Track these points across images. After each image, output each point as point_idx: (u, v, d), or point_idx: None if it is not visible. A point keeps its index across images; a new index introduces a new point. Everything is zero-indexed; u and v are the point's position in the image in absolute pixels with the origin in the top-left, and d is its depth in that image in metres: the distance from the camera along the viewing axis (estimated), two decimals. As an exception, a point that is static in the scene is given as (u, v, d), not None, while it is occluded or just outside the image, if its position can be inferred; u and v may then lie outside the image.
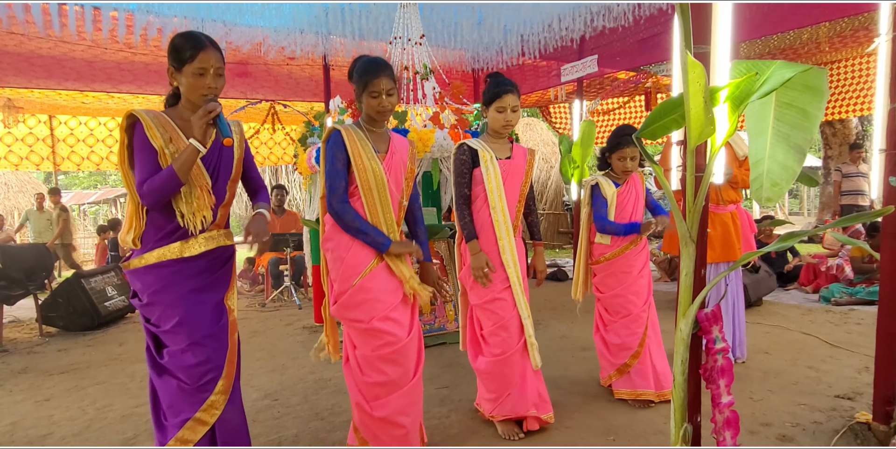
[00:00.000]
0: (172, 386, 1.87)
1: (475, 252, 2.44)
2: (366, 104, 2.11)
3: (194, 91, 1.85)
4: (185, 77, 1.84)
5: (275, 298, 6.12)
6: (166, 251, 1.87)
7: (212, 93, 1.86)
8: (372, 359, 2.09)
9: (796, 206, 22.16)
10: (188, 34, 1.85)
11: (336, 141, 2.10)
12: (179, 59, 1.83)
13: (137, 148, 1.84)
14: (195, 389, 1.86)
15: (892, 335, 2.18)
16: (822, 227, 1.69)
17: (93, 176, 25.17)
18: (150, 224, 1.90)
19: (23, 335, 4.95)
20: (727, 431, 1.70)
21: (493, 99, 2.43)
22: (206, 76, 1.84)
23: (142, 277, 1.89)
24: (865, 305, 4.85)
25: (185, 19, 5.22)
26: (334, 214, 2.08)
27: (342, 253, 2.10)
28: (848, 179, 7.32)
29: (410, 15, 4.38)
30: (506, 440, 2.42)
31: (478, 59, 7.21)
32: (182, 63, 1.82)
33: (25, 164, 8.95)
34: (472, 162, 2.46)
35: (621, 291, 2.87)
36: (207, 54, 1.83)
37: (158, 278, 1.87)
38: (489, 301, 2.48)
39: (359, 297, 2.07)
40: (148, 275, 1.88)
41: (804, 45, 6.75)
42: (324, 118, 4.60)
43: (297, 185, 13.46)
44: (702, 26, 1.70)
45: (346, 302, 2.09)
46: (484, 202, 2.47)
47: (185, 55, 1.82)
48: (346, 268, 2.09)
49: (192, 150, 1.80)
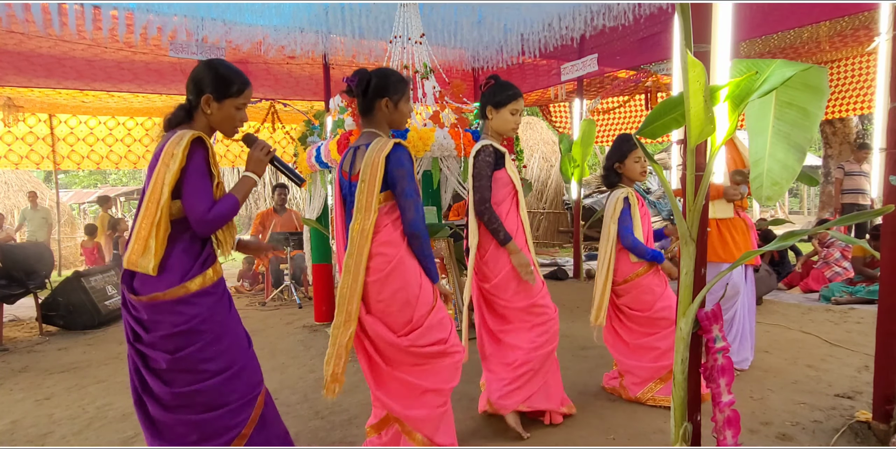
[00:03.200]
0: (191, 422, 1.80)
1: (516, 251, 2.42)
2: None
3: (229, 123, 1.88)
4: (225, 108, 1.85)
5: (275, 297, 6.13)
6: (205, 278, 1.80)
7: (241, 125, 1.91)
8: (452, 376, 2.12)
9: (796, 205, 22.17)
10: (234, 67, 1.87)
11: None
12: (225, 90, 1.83)
13: (199, 173, 1.77)
14: (234, 412, 1.83)
15: (891, 334, 2.18)
16: (822, 226, 1.69)
17: (93, 175, 25.17)
18: (178, 250, 1.78)
19: (23, 334, 4.95)
20: (728, 430, 1.70)
21: (508, 101, 2.45)
22: (243, 110, 1.89)
23: (182, 307, 1.76)
24: (865, 303, 4.85)
25: (185, 18, 5.23)
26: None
27: (417, 271, 2.06)
28: (850, 177, 7.31)
29: (410, 14, 4.37)
30: (506, 440, 2.42)
31: (478, 58, 7.22)
32: (225, 95, 1.83)
33: (25, 162, 8.96)
34: (495, 164, 2.47)
35: (665, 303, 2.78)
36: (251, 90, 1.89)
37: (205, 308, 1.79)
38: (540, 299, 2.49)
39: (440, 315, 2.10)
40: (190, 305, 1.77)
41: (804, 44, 6.75)
42: (323, 117, 4.60)
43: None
44: (702, 25, 1.70)
45: (430, 323, 2.05)
46: (513, 204, 2.50)
47: (233, 89, 1.84)
48: (426, 284, 2.08)
49: (252, 183, 1.87)
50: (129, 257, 1.75)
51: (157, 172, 1.74)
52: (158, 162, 1.75)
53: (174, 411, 1.78)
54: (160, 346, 1.76)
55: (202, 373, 1.78)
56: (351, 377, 3.29)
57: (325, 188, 4.38)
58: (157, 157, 1.76)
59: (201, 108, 1.84)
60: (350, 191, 2.09)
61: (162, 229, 1.73)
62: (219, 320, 1.83)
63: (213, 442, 1.81)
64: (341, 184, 2.16)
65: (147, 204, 1.74)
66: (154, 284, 1.74)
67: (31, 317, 5.48)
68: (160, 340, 1.75)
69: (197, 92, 1.84)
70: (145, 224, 1.73)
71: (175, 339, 1.75)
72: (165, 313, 1.75)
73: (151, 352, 1.76)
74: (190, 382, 1.77)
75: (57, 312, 4.98)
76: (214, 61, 1.87)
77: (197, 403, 1.79)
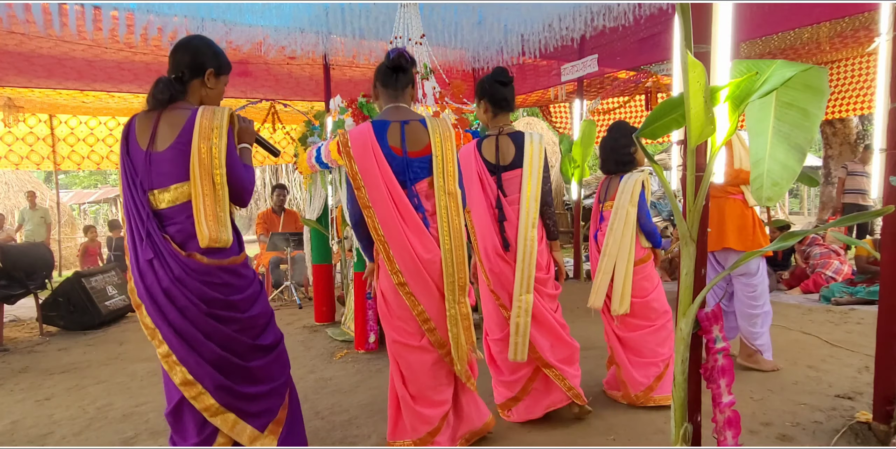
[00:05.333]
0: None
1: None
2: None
3: (220, 99, 1.99)
4: (221, 83, 1.95)
5: (275, 298, 6.13)
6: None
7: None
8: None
9: (796, 206, 22.17)
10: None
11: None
12: (224, 66, 1.95)
13: (233, 145, 1.87)
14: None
15: (892, 335, 2.18)
16: (822, 226, 1.69)
17: (93, 175, 25.16)
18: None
19: (23, 334, 4.95)
20: (728, 430, 1.70)
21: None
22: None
23: (247, 268, 1.93)
24: (866, 304, 4.84)
25: (185, 19, 5.23)
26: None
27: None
28: (852, 177, 7.31)
29: (411, 14, 4.38)
30: (506, 439, 2.42)
31: (478, 58, 7.22)
32: (224, 71, 1.95)
33: (26, 163, 8.96)
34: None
35: (659, 292, 2.83)
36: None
37: (253, 273, 1.97)
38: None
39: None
40: (248, 268, 1.94)
41: (804, 45, 6.75)
42: (324, 118, 4.60)
43: (298, 185, 13.45)
44: (702, 26, 1.70)
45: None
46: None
47: (228, 65, 1.96)
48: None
49: (250, 152, 1.98)
50: (209, 236, 1.76)
51: (198, 148, 1.75)
52: (195, 137, 1.75)
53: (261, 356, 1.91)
54: (241, 306, 1.85)
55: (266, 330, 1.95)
56: (351, 377, 3.30)
57: (325, 188, 4.38)
58: (186, 134, 1.76)
59: (202, 83, 1.89)
60: (411, 167, 2.13)
61: (226, 200, 1.80)
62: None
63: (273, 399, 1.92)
64: (393, 161, 2.10)
65: (200, 181, 1.75)
66: (221, 253, 1.82)
67: (31, 317, 5.48)
68: (240, 302, 1.85)
69: (196, 66, 1.86)
70: (208, 201, 1.76)
71: (247, 301, 1.87)
72: (234, 275, 1.85)
73: (228, 312, 1.83)
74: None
75: (57, 312, 4.98)
76: (204, 37, 1.93)
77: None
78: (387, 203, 2.07)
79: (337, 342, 4.15)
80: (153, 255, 1.76)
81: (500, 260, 2.49)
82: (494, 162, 2.53)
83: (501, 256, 2.49)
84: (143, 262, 1.78)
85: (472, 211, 2.53)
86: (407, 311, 2.15)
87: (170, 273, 1.76)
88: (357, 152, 2.08)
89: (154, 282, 1.76)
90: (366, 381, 3.22)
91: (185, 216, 1.79)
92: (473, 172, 2.53)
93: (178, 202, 1.79)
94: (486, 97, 2.56)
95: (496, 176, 2.51)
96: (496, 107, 2.56)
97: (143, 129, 1.83)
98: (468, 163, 2.54)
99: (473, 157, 2.55)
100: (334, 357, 3.75)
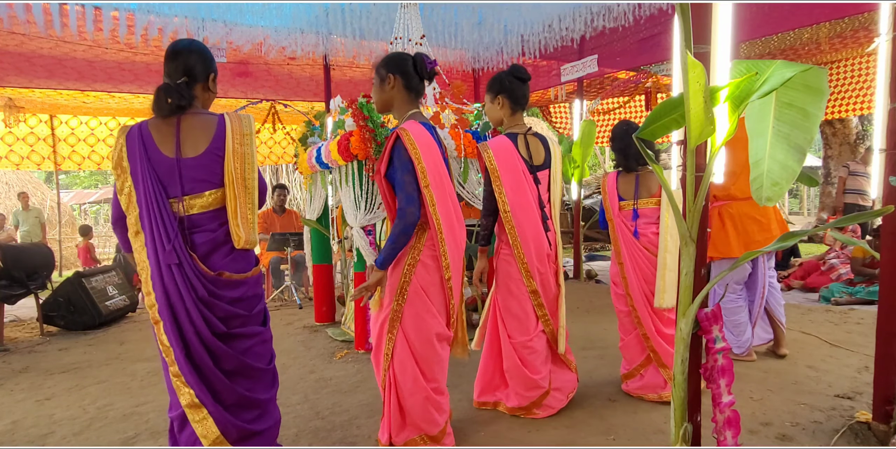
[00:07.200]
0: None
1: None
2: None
3: (213, 99, 1.98)
4: (214, 87, 1.95)
5: (275, 298, 6.13)
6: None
7: None
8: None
9: (796, 206, 22.17)
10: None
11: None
12: (214, 68, 1.94)
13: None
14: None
15: (891, 335, 2.18)
16: (822, 226, 1.69)
17: (94, 175, 25.16)
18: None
19: (24, 334, 4.96)
20: (728, 430, 1.70)
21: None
22: None
23: (258, 286, 1.99)
24: (865, 304, 4.85)
25: (185, 19, 5.24)
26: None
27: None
28: (853, 177, 7.31)
29: (411, 15, 4.38)
30: (506, 439, 2.43)
31: (478, 59, 7.22)
32: (214, 72, 1.94)
33: (26, 163, 8.96)
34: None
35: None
36: None
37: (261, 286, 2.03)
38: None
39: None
40: (259, 285, 2.00)
41: (804, 46, 6.75)
42: (324, 118, 4.59)
43: (298, 185, 13.46)
44: (702, 26, 1.70)
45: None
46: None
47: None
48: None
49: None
50: (245, 237, 1.81)
51: (233, 153, 1.79)
52: (229, 143, 1.79)
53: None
54: (255, 320, 1.90)
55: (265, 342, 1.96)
56: (351, 378, 3.30)
57: (325, 189, 4.37)
58: (219, 140, 1.79)
59: (204, 86, 1.91)
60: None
61: (256, 203, 1.85)
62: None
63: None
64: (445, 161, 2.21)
65: (235, 185, 1.79)
66: (245, 263, 1.87)
67: (31, 317, 5.48)
68: (255, 315, 1.91)
69: (203, 70, 1.88)
70: (241, 205, 1.81)
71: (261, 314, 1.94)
72: (251, 287, 1.90)
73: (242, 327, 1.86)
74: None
75: (58, 312, 4.98)
76: (197, 41, 1.95)
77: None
78: (446, 193, 2.23)
79: (337, 342, 4.15)
80: (177, 261, 1.75)
81: (547, 260, 2.54)
82: (529, 161, 2.51)
83: (549, 256, 2.54)
84: (166, 276, 1.74)
85: (519, 210, 2.46)
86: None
87: (193, 293, 1.75)
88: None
89: (178, 300, 1.74)
90: (366, 381, 3.22)
91: (217, 223, 1.81)
92: (518, 171, 2.46)
93: (210, 208, 1.80)
94: (504, 93, 2.50)
95: (533, 175, 2.50)
96: (516, 104, 2.52)
97: (165, 137, 1.79)
98: (511, 160, 2.46)
99: (516, 156, 2.48)
100: (334, 357, 3.75)
